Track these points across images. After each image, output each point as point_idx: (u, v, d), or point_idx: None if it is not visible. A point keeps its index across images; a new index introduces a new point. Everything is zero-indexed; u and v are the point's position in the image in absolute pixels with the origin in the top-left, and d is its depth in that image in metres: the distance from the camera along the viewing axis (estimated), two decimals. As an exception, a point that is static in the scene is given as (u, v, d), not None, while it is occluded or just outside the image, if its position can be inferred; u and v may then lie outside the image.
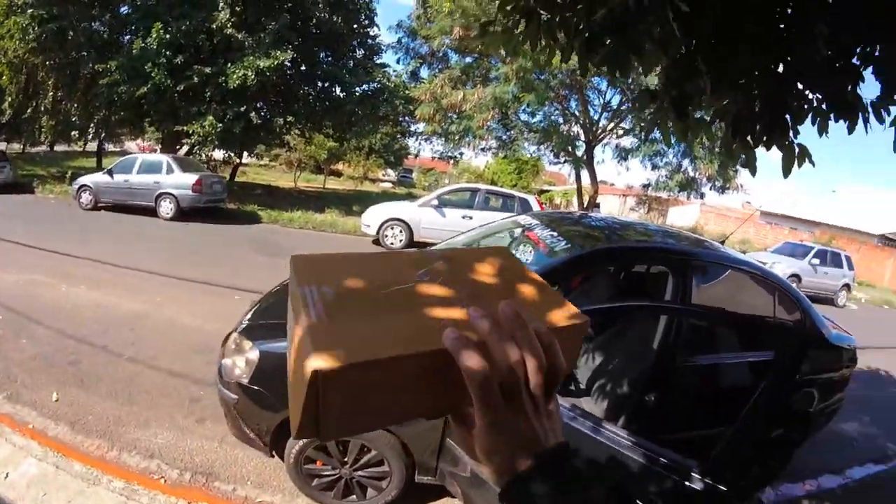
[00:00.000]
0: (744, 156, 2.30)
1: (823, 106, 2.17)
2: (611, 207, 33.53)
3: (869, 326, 14.05)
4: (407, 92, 19.77)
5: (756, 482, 3.83)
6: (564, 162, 22.10)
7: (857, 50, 2.06)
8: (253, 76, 14.67)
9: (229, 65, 15.03)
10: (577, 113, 19.27)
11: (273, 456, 3.03)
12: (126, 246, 9.02)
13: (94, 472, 3.03)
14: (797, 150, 2.16)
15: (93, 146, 25.64)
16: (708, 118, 2.41)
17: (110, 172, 12.85)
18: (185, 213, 12.52)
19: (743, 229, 32.63)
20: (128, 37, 16.24)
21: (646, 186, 20.53)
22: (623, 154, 20.16)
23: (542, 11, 2.20)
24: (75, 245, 8.35)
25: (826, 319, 4.28)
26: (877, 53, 2.07)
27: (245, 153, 20.35)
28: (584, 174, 20.78)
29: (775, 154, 2.23)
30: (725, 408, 3.27)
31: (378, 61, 20.18)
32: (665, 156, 18.75)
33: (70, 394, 3.85)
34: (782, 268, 15.29)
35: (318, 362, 0.46)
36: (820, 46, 1.87)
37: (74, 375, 4.13)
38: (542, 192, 31.55)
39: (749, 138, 2.19)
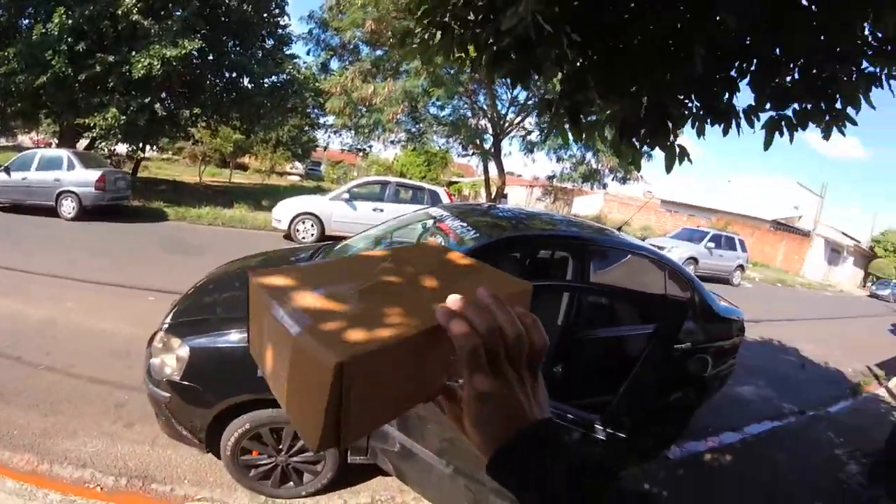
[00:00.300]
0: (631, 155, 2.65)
1: (701, 112, 2.54)
2: (518, 198, 34.55)
3: (762, 302, 15.45)
4: (317, 84, 19.58)
5: (661, 441, 4.31)
6: (472, 154, 22.67)
7: (735, 64, 2.43)
8: (159, 66, 14.13)
9: (134, 53, 14.38)
10: (485, 107, 19.71)
11: (208, 452, 3.17)
12: (27, 249, 8.61)
13: (28, 488, 3.02)
14: (678, 150, 2.51)
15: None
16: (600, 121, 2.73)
17: (7, 170, 11.95)
18: (87, 212, 11.89)
19: (645, 217, 34.57)
20: (26, 21, 15.10)
21: (551, 178, 21.28)
22: (529, 147, 20.84)
23: (455, 26, 2.42)
24: (-30, 251, 7.87)
25: (716, 295, 4.84)
26: (752, 68, 2.46)
27: (147, 146, 19.53)
28: (492, 166, 21.31)
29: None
30: (624, 375, 3.69)
31: (288, 52, 19.89)
32: (569, 149, 19.53)
33: None
34: (680, 252, 16.52)
35: (337, 357, 0.47)
36: (698, 64, 2.19)
37: None
38: (450, 183, 31.95)
39: (634, 140, 2.52)
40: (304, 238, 12.21)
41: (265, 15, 18.38)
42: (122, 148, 18.07)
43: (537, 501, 0.52)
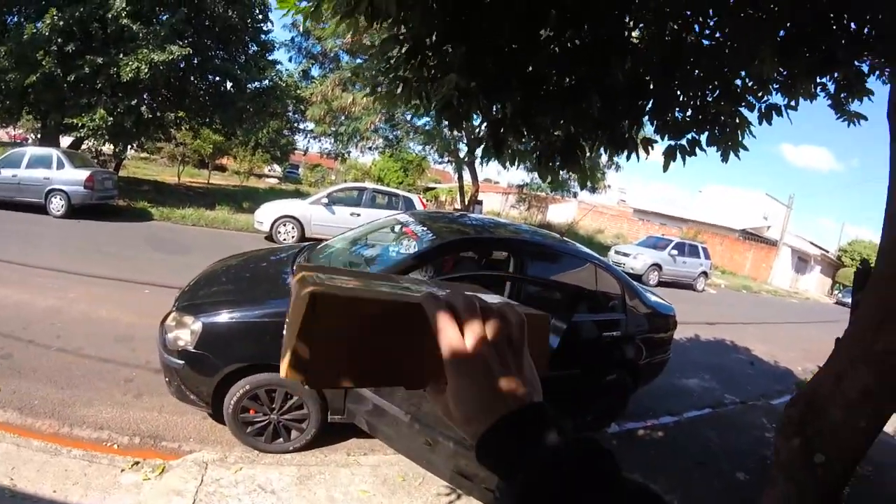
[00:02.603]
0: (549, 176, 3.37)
1: (606, 142, 3.26)
2: (493, 205, 34.93)
3: (722, 307, 16.22)
4: (298, 91, 20.00)
5: (600, 420, 5.01)
6: (448, 162, 23.21)
7: (632, 103, 3.14)
8: (147, 69, 14.44)
9: (122, 56, 14.66)
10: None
11: (212, 414, 3.80)
12: (23, 244, 8.99)
13: (52, 446, 3.43)
14: (588, 172, 3.24)
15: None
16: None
17: (-4, 168, 12.13)
18: (75, 211, 12.20)
19: (618, 225, 35.38)
20: (13, 19, 15.26)
21: (521, 186, 21.78)
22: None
23: (413, 81, 3.08)
24: (-32, 246, 8.23)
25: (648, 292, 5.56)
26: (649, 106, 3.18)
27: (129, 146, 19.70)
28: (467, 173, 21.90)
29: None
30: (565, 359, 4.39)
31: (270, 58, 20.21)
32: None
33: (10, 384, 4.17)
34: (644, 258, 17.33)
35: (314, 289, 0.54)
36: (595, 109, 2.90)
37: (10, 367, 4.43)
38: (427, 189, 32.58)
39: (552, 165, 3.23)
40: (285, 240, 12.75)
41: (249, 21, 18.62)
42: (107, 147, 18.24)
43: (525, 487, 0.49)
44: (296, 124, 25.53)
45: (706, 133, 3.35)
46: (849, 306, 29.49)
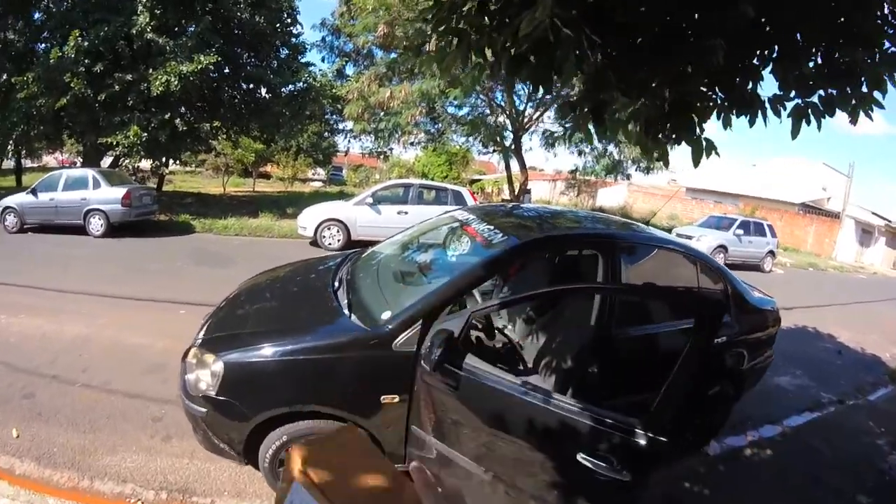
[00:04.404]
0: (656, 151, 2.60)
1: (725, 103, 2.48)
2: (541, 193, 34.42)
3: (794, 288, 15.16)
4: (334, 91, 19.63)
5: (700, 437, 4.25)
6: (493, 152, 22.55)
7: (756, 53, 2.37)
8: (176, 81, 14.27)
9: (151, 71, 14.56)
10: (503, 104, 19.64)
11: (246, 464, 3.18)
12: (60, 268, 8.76)
13: None
14: (704, 143, 2.46)
15: (9, 164, 24.14)
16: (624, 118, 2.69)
17: (34, 191, 12.21)
18: (115, 229, 12.10)
19: (671, 206, 34.15)
20: (42, 45, 15.46)
21: (573, 172, 21.00)
22: (550, 141, 20.61)
23: (471, 32, 2.40)
24: (7, 272, 8.04)
25: (748, 285, 4.75)
26: (774, 56, 2.40)
27: (171, 161, 19.80)
28: (514, 162, 21.25)
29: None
30: (659, 372, 3.63)
31: (303, 60, 19.95)
32: (591, 142, 19.16)
33: (30, 428, 3.81)
34: (709, 241, 16.24)
35: None
36: (719, 55, 2.14)
37: (31, 409, 4.07)
38: (473, 181, 31.96)
39: (660, 136, 2.48)
40: (330, 244, 12.26)
41: (278, 25, 18.46)
42: (146, 164, 18.28)
43: None
44: (335, 125, 25.23)
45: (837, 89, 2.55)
46: (919, 280, 28.06)
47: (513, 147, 20.18)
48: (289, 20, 19.01)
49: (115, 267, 9.28)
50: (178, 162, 21.38)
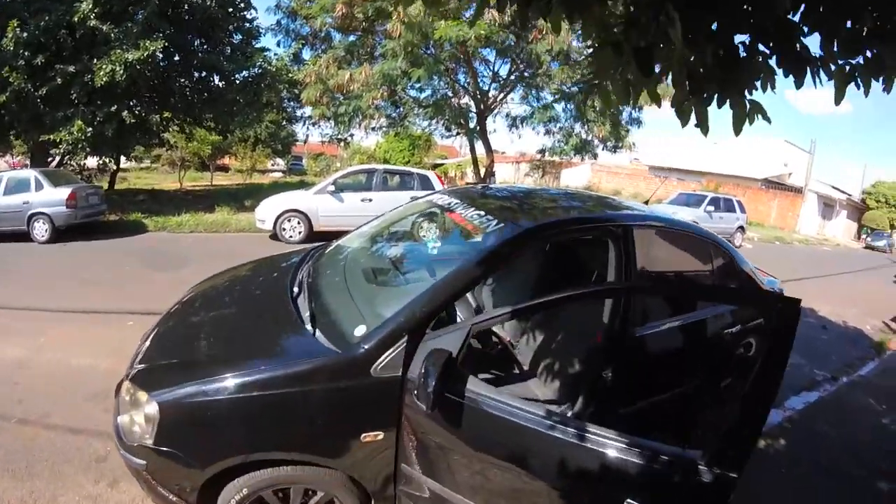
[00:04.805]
0: (694, 114, 2.10)
1: (770, 61, 2.02)
2: (505, 175, 34.50)
3: (766, 263, 15.03)
4: (290, 75, 18.86)
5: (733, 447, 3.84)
6: (457, 134, 22.25)
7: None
8: (122, 71, 13.38)
9: (95, 61, 13.64)
10: (466, 85, 19.20)
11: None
12: (-2, 280, 7.97)
13: None
14: (748, 106, 2.00)
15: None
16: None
17: (-26, 197, 11.19)
18: (61, 233, 11.24)
19: (633, 184, 34.50)
20: None
21: (541, 152, 20.57)
22: (515, 122, 20.18)
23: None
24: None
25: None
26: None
27: (123, 157, 18.82)
28: (479, 144, 20.99)
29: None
30: (680, 370, 3.19)
31: (257, 45, 19.15)
32: (559, 121, 18.86)
33: None
34: (680, 217, 16.18)
35: None
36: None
37: None
38: (435, 166, 31.94)
39: (705, 95, 2.00)
40: (291, 237, 11.71)
41: (230, 10, 17.61)
42: (92, 161, 17.33)
43: None
44: (293, 112, 24.39)
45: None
46: (879, 249, 29.52)
47: (478, 129, 19.83)
48: (242, 3, 18.13)
49: (59, 276, 8.52)
50: (130, 158, 20.40)
